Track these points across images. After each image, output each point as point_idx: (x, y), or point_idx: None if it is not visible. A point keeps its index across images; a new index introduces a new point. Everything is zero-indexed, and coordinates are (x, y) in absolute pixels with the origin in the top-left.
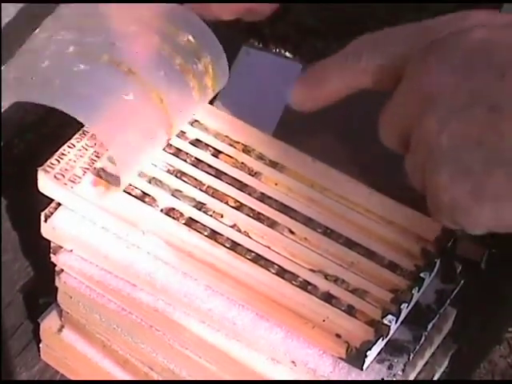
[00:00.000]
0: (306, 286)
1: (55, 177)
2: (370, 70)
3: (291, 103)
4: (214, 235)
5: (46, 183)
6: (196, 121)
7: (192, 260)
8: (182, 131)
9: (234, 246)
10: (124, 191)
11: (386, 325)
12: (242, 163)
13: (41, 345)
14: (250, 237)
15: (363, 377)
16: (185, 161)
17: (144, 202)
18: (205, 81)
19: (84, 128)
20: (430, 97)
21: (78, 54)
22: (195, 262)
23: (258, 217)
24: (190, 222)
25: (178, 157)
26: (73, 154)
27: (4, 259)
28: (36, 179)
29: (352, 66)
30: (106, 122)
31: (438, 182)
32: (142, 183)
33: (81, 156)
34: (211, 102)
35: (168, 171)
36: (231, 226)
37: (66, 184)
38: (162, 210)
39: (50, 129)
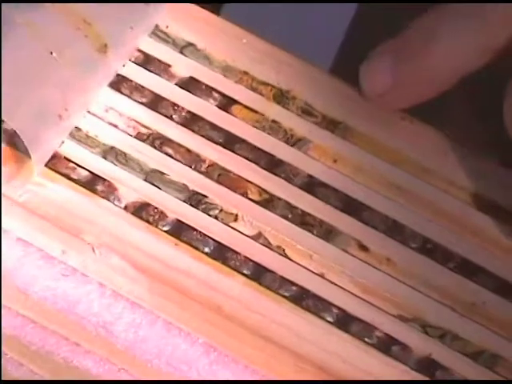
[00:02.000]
0: (388, 345)
1: None
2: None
3: (365, 92)
4: (221, 254)
5: None
6: (190, 44)
7: (183, 298)
8: (165, 63)
9: (259, 275)
10: (59, 173)
11: None
12: (274, 122)
13: None
14: (287, 257)
15: None
16: (169, 117)
17: (95, 192)
18: None
19: None
20: None
21: None
22: (188, 301)
23: (302, 221)
24: (179, 230)
25: (156, 110)
26: None
27: None
28: None
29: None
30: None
31: None
32: (90, 158)
33: None
34: (217, 12)
35: (139, 136)
36: (253, 237)
37: None
38: (126, 208)
39: None
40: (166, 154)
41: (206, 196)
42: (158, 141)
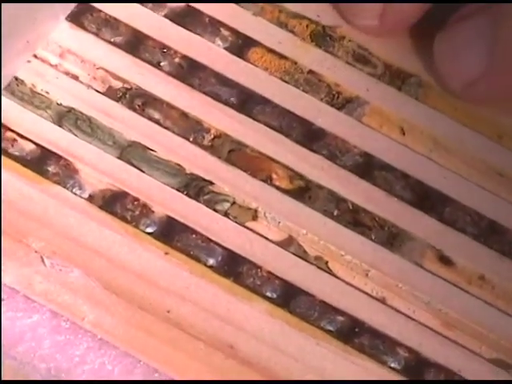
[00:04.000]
0: None
1: None
2: None
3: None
4: (233, 268)
5: None
6: None
7: (176, 335)
8: None
9: (289, 299)
10: None
11: None
12: (311, 73)
13: None
14: (332, 273)
15: None
16: (156, 65)
17: (45, 176)
18: None
19: None
20: None
21: None
22: (185, 338)
23: (353, 220)
24: (170, 232)
25: (136, 55)
26: None
27: None
28: None
29: None
30: None
31: None
32: (38, 125)
33: None
34: None
35: (110, 93)
36: (281, 244)
37: None
38: (91, 199)
39: None
40: (151, 119)
41: (210, 182)
42: (138, 100)
